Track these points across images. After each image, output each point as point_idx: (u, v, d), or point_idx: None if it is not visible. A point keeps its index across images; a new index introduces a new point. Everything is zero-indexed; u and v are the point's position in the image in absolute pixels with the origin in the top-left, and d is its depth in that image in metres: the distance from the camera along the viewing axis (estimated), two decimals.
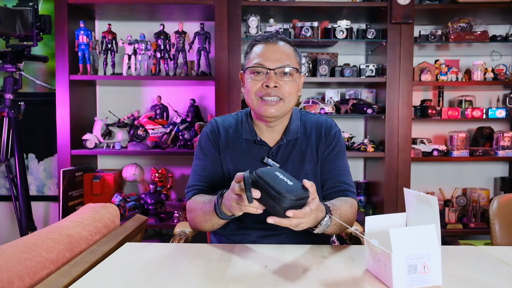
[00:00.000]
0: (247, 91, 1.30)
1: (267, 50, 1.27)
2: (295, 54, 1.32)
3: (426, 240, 0.82)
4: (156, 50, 2.53)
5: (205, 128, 1.41)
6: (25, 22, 2.29)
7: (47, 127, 2.73)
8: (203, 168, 1.36)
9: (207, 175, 1.35)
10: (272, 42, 1.29)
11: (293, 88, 1.29)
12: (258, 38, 1.32)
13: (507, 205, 1.41)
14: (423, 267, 0.81)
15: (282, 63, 1.26)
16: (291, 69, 1.27)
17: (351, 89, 2.77)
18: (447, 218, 2.61)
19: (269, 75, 1.26)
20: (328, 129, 1.37)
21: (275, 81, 1.25)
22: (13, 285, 0.76)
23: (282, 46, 1.30)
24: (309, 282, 0.86)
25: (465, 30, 2.53)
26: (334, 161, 1.35)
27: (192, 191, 1.34)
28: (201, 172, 1.36)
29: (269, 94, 1.26)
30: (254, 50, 1.31)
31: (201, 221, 1.22)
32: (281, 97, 1.26)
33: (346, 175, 1.35)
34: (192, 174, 1.38)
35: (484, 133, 2.72)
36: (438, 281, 0.83)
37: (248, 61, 1.31)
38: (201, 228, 1.26)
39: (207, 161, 1.36)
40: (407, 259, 0.80)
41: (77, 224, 1.06)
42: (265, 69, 1.26)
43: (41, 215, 2.83)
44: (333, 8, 2.47)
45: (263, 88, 1.26)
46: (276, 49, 1.28)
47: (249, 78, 1.29)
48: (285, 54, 1.28)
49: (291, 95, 1.28)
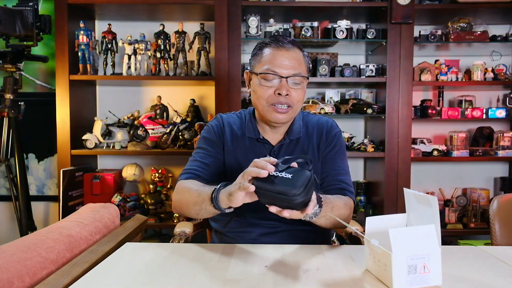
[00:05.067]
0: (257, 96, 1.29)
1: (280, 56, 1.26)
2: (305, 60, 1.32)
3: (426, 240, 0.82)
4: (156, 50, 2.53)
5: (211, 122, 1.41)
6: (25, 22, 2.28)
7: (47, 127, 2.73)
8: (204, 155, 1.35)
9: (207, 163, 1.34)
10: (285, 48, 1.27)
11: (302, 95, 1.31)
12: (269, 41, 1.30)
13: (507, 205, 1.41)
14: (423, 267, 0.81)
15: (295, 71, 1.26)
16: (302, 78, 1.28)
17: (351, 89, 2.77)
18: (447, 218, 2.62)
19: (281, 83, 1.26)
20: (329, 129, 1.39)
21: (287, 89, 1.26)
22: (13, 285, 0.76)
23: (294, 51, 1.28)
24: (309, 282, 0.86)
25: (465, 30, 2.53)
26: (334, 160, 1.36)
27: (188, 174, 1.31)
28: (201, 159, 1.34)
29: (280, 102, 1.26)
30: (265, 53, 1.29)
31: (190, 203, 1.18)
32: (291, 104, 1.28)
33: (345, 174, 1.36)
34: (191, 159, 1.36)
35: (484, 133, 2.72)
36: (438, 281, 0.83)
37: (258, 64, 1.30)
38: (187, 211, 1.22)
39: (210, 151, 1.35)
40: (407, 259, 0.80)
41: (77, 224, 1.06)
42: (278, 77, 1.26)
43: (41, 215, 2.83)
44: (333, 8, 2.47)
45: (275, 95, 1.26)
46: (288, 56, 1.27)
47: (259, 83, 1.28)
48: (297, 61, 1.28)
49: (299, 102, 1.30)
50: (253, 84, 1.32)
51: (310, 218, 1.08)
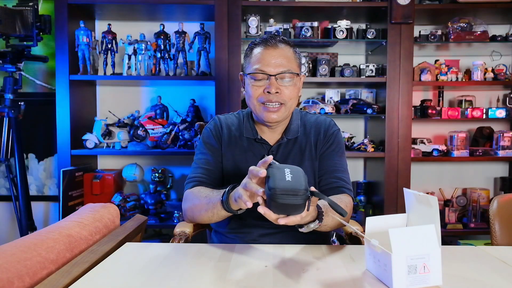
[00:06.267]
0: (249, 96, 1.31)
1: (267, 55, 1.27)
2: (295, 56, 1.31)
3: (426, 240, 0.82)
4: (156, 50, 2.53)
5: (209, 125, 1.42)
6: (25, 22, 2.28)
7: (47, 127, 2.73)
8: (206, 161, 1.36)
9: (210, 169, 1.35)
10: (272, 46, 1.27)
11: (294, 92, 1.30)
12: (257, 41, 1.31)
13: (507, 205, 1.41)
14: (423, 267, 0.81)
15: (283, 68, 1.26)
16: (292, 74, 1.28)
17: (351, 89, 2.77)
18: (447, 218, 2.62)
19: (270, 81, 1.26)
20: (327, 127, 1.39)
21: (277, 86, 1.26)
22: (13, 285, 0.76)
23: (282, 49, 1.28)
24: (309, 282, 0.86)
25: (465, 30, 2.53)
26: (331, 157, 1.36)
27: (194, 182, 1.33)
28: (203, 165, 1.36)
29: (270, 100, 1.27)
30: (254, 53, 1.30)
31: (202, 209, 1.20)
32: (282, 102, 1.28)
33: (342, 172, 1.36)
34: (194, 166, 1.38)
35: (484, 133, 2.72)
36: (438, 281, 0.83)
37: (248, 65, 1.31)
38: (199, 217, 1.24)
39: (210, 155, 1.37)
40: (407, 259, 0.80)
41: (77, 224, 1.06)
42: (266, 75, 1.26)
43: (41, 215, 2.83)
44: (333, 8, 2.47)
45: (264, 94, 1.27)
46: (276, 53, 1.27)
47: (250, 83, 1.30)
48: (285, 58, 1.27)
49: (292, 99, 1.30)
50: (245, 85, 1.34)
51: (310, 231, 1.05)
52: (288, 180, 0.89)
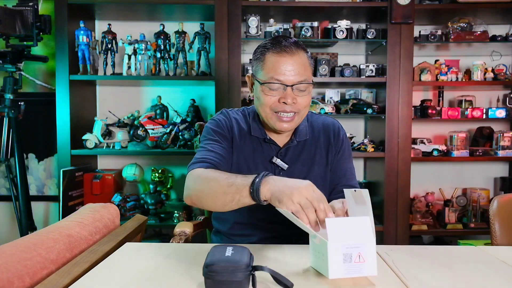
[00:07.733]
0: (261, 104, 1.24)
1: (283, 63, 1.20)
2: (309, 62, 1.25)
3: (361, 231, 0.85)
4: (156, 50, 2.53)
5: (217, 116, 1.34)
6: (25, 22, 2.28)
7: (47, 127, 2.73)
8: (218, 148, 1.25)
9: (223, 155, 1.24)
10: (288, 53, 1.20)
11: (308, 100, 1.25)
12: (271, 44, 1.23)
13: (507, 205, 1.41)
14: (358, 256, 0.83)
15: (300, 77, 1.20)
16: (307, 84, 1.23)
17: (351, 89, 2.77)
18: (447, 218, 2.61)
19: (286, 91, 1.20)
20: (337, 133, 1.37)
21: (293, 97, 1.20)
22: (13, 285, 0.76)
23: (299, 56, 1.21)
24: (309, 282, 0.86)
25: (465, 30, 2.53)
26: (343, 165, 1.36)
27: (205, 162, 1.19)
28: (216, 150, 1.24)
29: (285, 110, 1.22)
30: (268, 59, 1.22)
31: (219, 192, 1.05)
32: (297, 111, 1.23)
33: (353, 179, 1.36)
34: (201, 150, 1.25)
35: (484, 133, 2.72)
36: (373, 271, 0.84)
37: (261, 71, 1.23)
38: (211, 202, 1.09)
39: (222, 143, 1.28)
40: (343, 247, 0.83)
41: (77, 224, 1.06)
42: (282, 85, 1.20)
43: (41, 215, 2.83)
44: (333, 8, 2.47)
45: (279, 104, 1.21)
46: (292, 61, 1.20)
47: (263, 91, 1.23)
48: (302, 66, 1.21)
49: (305, 107, 1.25)
50: (256, 90, 1.27)
51: None
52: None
